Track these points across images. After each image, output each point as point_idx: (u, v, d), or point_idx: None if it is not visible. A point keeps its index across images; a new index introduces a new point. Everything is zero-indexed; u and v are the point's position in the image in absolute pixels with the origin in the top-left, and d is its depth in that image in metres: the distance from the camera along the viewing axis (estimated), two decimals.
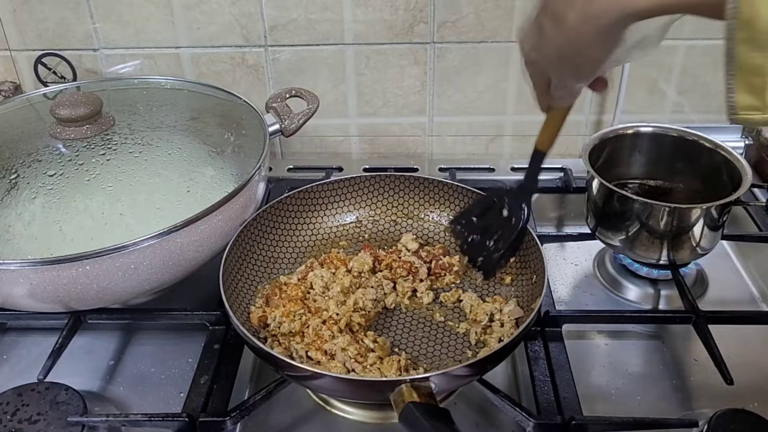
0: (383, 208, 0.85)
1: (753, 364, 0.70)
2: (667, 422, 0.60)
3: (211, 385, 0.66)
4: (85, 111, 0.76)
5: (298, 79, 0.99)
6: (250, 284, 0.74)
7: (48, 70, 1.00)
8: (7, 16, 0.96)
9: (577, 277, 0.85)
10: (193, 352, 0.72)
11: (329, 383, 0.59)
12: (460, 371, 0.58)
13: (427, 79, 0.99)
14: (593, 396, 0.67)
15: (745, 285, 0.83)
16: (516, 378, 0.70)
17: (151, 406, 0.68)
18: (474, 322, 0.70)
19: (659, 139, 0.83)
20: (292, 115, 0.85)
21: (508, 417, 0.64)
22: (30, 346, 0.75)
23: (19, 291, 0.64)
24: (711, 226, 0.74)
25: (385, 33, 0.95)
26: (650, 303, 0.81)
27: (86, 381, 0.71)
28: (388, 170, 0.92)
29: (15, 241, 0.68)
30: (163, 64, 0.99)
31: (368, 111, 1.03)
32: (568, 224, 0.98)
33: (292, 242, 0.81)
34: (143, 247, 0.64)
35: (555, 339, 0.70)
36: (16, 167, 0.74)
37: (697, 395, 0.68)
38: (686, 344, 0.74)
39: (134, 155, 0.76)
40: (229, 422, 0.62)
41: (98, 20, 0.96)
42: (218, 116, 0.88)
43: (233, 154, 0.81)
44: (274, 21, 0.95)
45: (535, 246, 0.71)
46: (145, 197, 0.73)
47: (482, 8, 0.93)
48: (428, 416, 0.51)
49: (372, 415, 0.66)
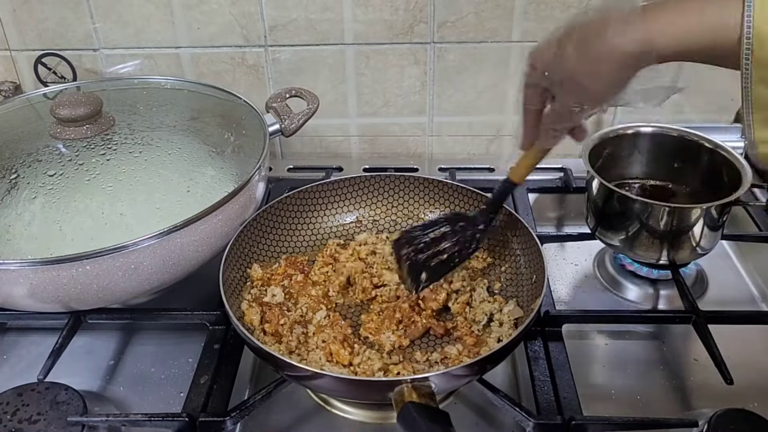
0: (383, 208, 0.85)
1: (753, 364, 0.70)
2: (667, 422, 0.60)
3: (211, 385, 0.66)
4: (85, 111, 0.76)
5: (298, 79, 0.99)
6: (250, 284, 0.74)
7: (48, 70, 1.00)
8: (7, 16, 0.96)
9: (577, 277, 0.85)
10: (193, 352, 0.72)
11: (329, 383, 0.59)
12: (459, 371, 0.58)
13: (427, 79, 0.99)
14: (593, 396, 0.67)
15: (745, 285, 0.83)
16: (516, 378, 0.70)
17: (151, 406, 0.68)
18: (473, 322, 0.70)
19: (659, 139, 0.83)
20: (292, 115, 0.85)
21: (508, 417, 0.64)
22: (30, 346, 0.75)
23: (19, 291, 0.64)
24: (711, 226, 0.74)
25: (385, 33, 0.95)
26: (650, 303, 0.81)
27: (86, 381, 0.71)
28: (388, 170, 0.92)
29: (15, 241, 0.68)
30: (163, 64, 0.99)
31: (368, 111, 1.03)
32: (568, 224, 0.98)
33: (292, 242, 0.81)
34: (143, 247, 0.64)
35: (555, 339, 0.70)
36: (16, 167, 0.74)
37: (697, 395, 0.68)
38: (686, 344, 0.74)
39: (134, 155, 0.76)
40: (229, 422, 0.62)
41: (98, 20, 0.96)
42: (218, 116, 0.88)
43: (233, 154, 0.81)
44: (274, 21, 0.95)
45: (535, 246, 0.71)
46: (145, 197, 0.73)
47: (482, 8, 0.93)
48: (426, 417, 0.52)
49: (372, 415, 0.66)
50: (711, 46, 0.49)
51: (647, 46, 0.50)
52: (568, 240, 0.89)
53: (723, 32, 0.48)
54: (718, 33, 0.48)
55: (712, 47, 0.49)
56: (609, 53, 0.51)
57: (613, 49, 0.51)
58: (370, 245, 0.80)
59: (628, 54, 0.51)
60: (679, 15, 0.50)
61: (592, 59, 0.52)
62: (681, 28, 0.50)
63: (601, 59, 0.52)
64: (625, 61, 0.51)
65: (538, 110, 0.60)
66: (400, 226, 0.84)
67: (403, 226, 0.84)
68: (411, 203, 0.85)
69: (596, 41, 0.52)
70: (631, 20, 0.51)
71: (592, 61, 0.52)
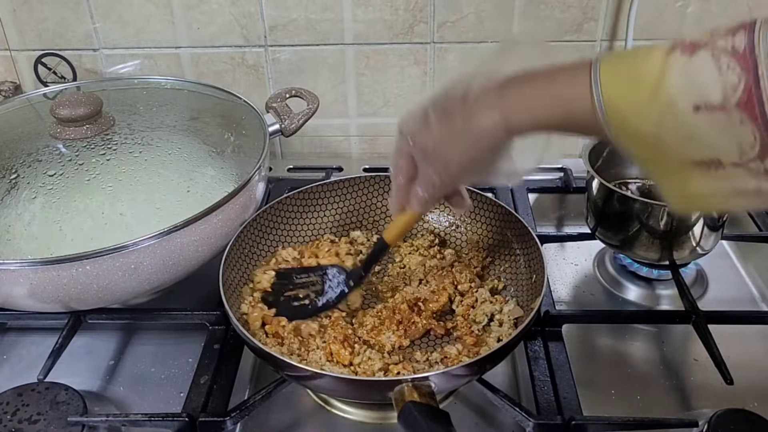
0: (383, 208, 0.85)
1: (753, 364, 0.70)
2: (667, 422, 0.60)
3: (211, 385, 0.66)
4: (85, 111, 0.76)
5: (298, 79, 0.99)
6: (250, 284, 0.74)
7: (48, 70, 1.00)
8: (7, 16, 0.96)
9: (577, 277, 0.85)
10: (193, 352, 0.72)
11: (329, 383, 0.59)
12: (459, 371, 0.58)
13: (427, 79, 0.99)
14: (593, 396, 0.67)
15: (745, 285, 0.83)
16: (516, 378, 0.70)
17: (151, 406, 0.68)
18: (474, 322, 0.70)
19: None
20: (292, 115, 0.85)
21: (508, 417, 0.64)
22: (30, 346, 0.75)
23: (19, 291, 0.64)
24: (711, 226, 0.74)
25: (385, 33, 0.95)
26: (650, 303, 0.81)
27: (86, 381, 0.71)
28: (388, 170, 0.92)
29: (15, 241, 0.68)
30: (163, 64, 0.99)
31: (368, 111, 1.03)
32: (568, 224, 0.98)
33: (292, 242, 0.81)
34: (143, 247, 0.64)
35: (555, 339, 0.70)
36: (16, 167, 0.74)
37: (697, 395, 0.68)
38: (686, 344, 0.74)
39: (134, 155, 0.76)
40: (229, 422, 0.62)
41: (98, 20, 0.96)
42: (218, 116, 0.88)
43: (233, 154, 0.81)
44: (274, 21, 0.95)
45: (535, 246, 0.71)
46: (145, 197, 0.73)
47: (482, 8, 0.93)
48: (426, 416, 0.51)
49: (372, 415, 0.66)
50: (565, 117, 0.48)
51: (501, 122, 0.49)
52: (568, 240, 0.89)
53: (574, 103, 0.47)
54: (570, 104, 0.47)
55: (566, 119, 0.48)
56: (466, 127, 0.51)
57: (470, 123, 0.51)
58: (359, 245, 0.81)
59: (483, 129, 0.50)
60: (531, 88, 0.49)
61: (452, 132, 0.52)
62: (533, 101, 0.49)
63: (458, 133, 0.52)
64: (479, 136, 0.51)
65: (409, 178, 0.59)
66: None
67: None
68: None
69: (456, 114, 0.51)
70: (488, 94, 0.50)
71: (452, 133, 0.52)
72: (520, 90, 0.50)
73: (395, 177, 0.61)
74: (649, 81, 0.43)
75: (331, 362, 0.65)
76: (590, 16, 0.94)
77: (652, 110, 0.43)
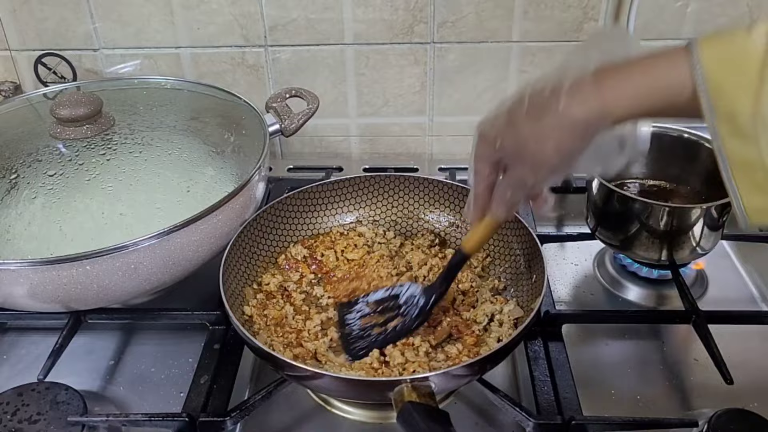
0: (383, 208, 0.85)
1: (753, 364, 0.70)
2: (667, 422, 0.60)
3: (211, 385, 0.66)
4: (85, 111, 0.76)
5: (298, 79, 0.99)
6: (251, 284, 0.74)
7: (48, 70, 1.00)
8: (7, 16, 0.96)
9: (577, 277, 0.85)
10: (193, 352, 0.72)
11: (329, 383, 0.59)
12: (459, 371, 0.57)
13: (426, 79, 0.99)
14: (593, 396, 0.67)
15: (745, 285, 0.83)
16: (516, 378, 0.70)
17: (151, 406, 0.68)
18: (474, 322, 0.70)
19: (659, 139, 0.83)
20: (292, 115, 0.85)
21: (508, 417, 0.64)
22: (30, 346, 0.75)
23: (19, 291, 0.64)
24: (711, 226, 0.74)
25: (385, 33, 0.95)
26: (650, 303, 0.81)
27: (86, 381, 0.71)
28: (388, 170, 0.92)
29: (15, 241, 0.68)
30: (163, 64, 0.99)
31: (368, 111, 1.03)
32: (568, 224, 0.98)
33: (292, 242, 0.81)
34: (143, 247, 0.64)
35: (555, 339, 0.70)
36: (16, 167, 0.74)
37: (697, 395, 0.68)
38: (686, 344, 0.74)
39: (134, 155, 0.76)
40: (229, 422, 0.62)
41: (98, 20, 0.96)
42: (218, 116, 0.88)
43: (233, 154, 0.81)
44: (274, 21, 0.95)
45: (535, 246, 0.71)
46: (145, 197, 0.73)
47: (482, 8, 0.93)
48: (425, 417, 0.51)
49: (372, 415, 0.66)
50: (666, 104, 0.48)
51: (602, 113, 0.49)
52: (568, 240, 0.89)
53: (675, 90, 0.47)
54: (670, 91, 0.47)
55: (668, 105, 0.48)
56: (562, 121, 0.50)
57: (566, 117, 0.50)
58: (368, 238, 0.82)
59: (582, 121, 0.50)
60: (628, 77, 0.49)
61: (546, 126, 0.51)
62: (632, 91, 0.49)
63: (554, 127, 0.51)
64: (578, 128, 0.50)
65: (490, 183, 0.58)
66: (400, 226, 0.84)
67: (403, 226, 0.84)
68: (411, 203, 0.85)
69: (548, 109, 0.51)
70: (582, 86, 0.50)
71: (547, 128, 0.51)
72: (616, 79, 0.50)
73: (477, 184, 0.59)
74: (755, 60, 0.42)
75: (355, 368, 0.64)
76: (590, 16, 0.94)
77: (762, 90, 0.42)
